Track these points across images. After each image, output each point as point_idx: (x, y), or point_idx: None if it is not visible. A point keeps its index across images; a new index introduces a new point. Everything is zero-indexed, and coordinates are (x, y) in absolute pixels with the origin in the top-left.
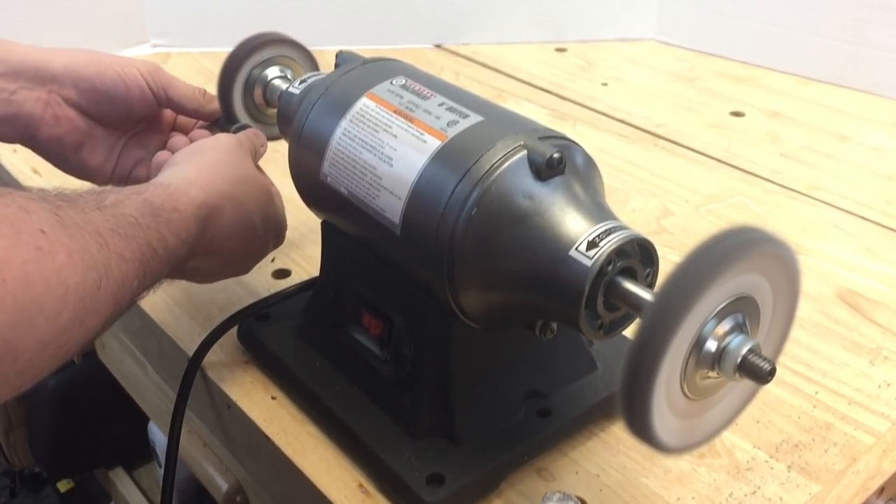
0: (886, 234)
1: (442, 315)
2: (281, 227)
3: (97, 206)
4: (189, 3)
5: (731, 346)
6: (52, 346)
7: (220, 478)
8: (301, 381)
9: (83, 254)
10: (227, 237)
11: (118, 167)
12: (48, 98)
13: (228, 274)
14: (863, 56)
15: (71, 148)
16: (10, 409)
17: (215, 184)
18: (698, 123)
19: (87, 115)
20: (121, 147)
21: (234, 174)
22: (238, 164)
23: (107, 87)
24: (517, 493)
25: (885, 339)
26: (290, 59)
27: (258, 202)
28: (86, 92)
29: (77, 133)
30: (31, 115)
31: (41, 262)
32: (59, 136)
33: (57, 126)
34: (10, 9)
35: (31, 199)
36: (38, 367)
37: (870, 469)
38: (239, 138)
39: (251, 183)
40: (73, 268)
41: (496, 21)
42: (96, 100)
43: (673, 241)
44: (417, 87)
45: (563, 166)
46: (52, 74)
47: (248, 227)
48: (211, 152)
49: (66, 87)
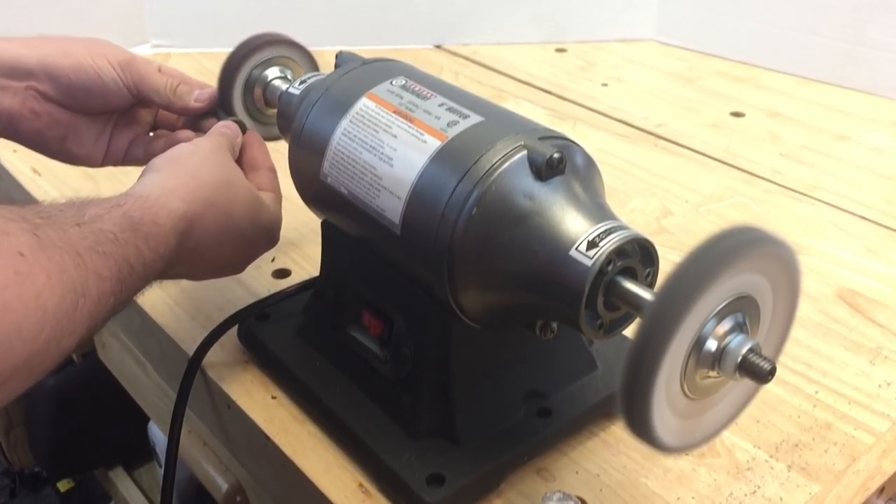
0: (886, 233)
1: (442, 315)
2: (273, 227)
3: (76, 221)
4: (189, 3)
5: (731, 346)
6: (27, 368)
7: (220, 478)
8: (301, 381)
9: (61, 275)
10: (212, 245)
11: (110, 150)
12: (25, 93)
13: (221, 275)
14: (863, 56)
15: (54, 140)
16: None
17: (196, 192)
18: (698, 123)
19: (66, 108)
20: (109, 131)
21: (215, 179)
22: (218, 168)
23: (82, 81)
24: (517, 493)
25: (885, 339)
26: (290, 59)
27: (243, 205)
28: (62, 87)
29: (58, 126)
30: (10, 111)
31: (20, 286)
32: (39, 130)
33: (36, 120)
34: (10, 9)
35: (10, 220)
36: (11, 387)
37: (870, 469)
38: (216, 140)
39: (234, 186)
40: (51, 290)
41: (496, 21)
42: (73, 94)
43: (673, 241)
44: (417, 88)
45: (563, 166)
46: (26, 70)
47: (234, 232)
48: (191, 158)
49: (43, 82)
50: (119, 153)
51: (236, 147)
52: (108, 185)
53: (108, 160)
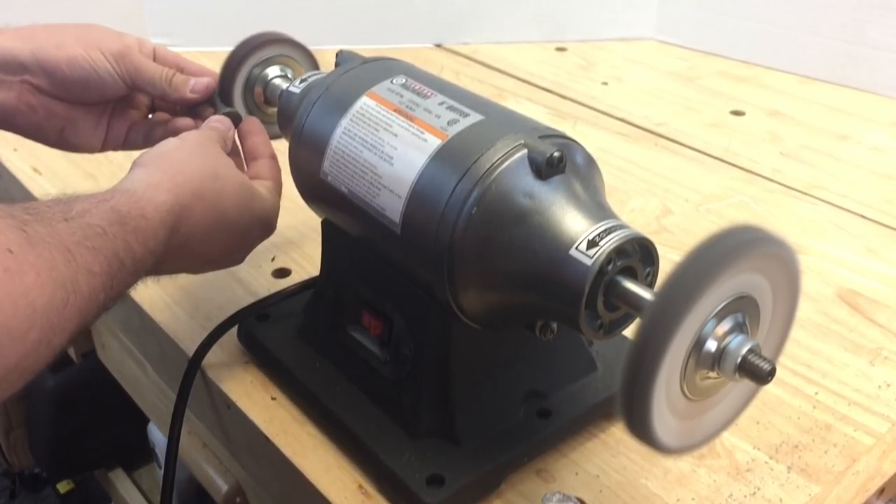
0: (886, 233)
1: (442, 315)
2: (267, 216)
3: (64, 216)
4: (189, 3)
5: (731, 346)
6: (18, 367)
7: (219, 478)
8: (301, 382)
9: (51, 272)
10: (203, 237)
11: (109, 137)
12: (20, 87)
13: (216, 268)
14: (863, 56)
15: (52, 131)
16: (10, 410)
17: (183, 185)
18: (698, 123)
19: (62, 100)
20: (107, 119)
21: (202, 172)
22: (206, 160)
23: (77, 74)
24: (517, 494)
25: (886, 340)
26: (290, 58)
27: (233, 196)
28: (57, 80)
29: (55, 118)
30: (6, 106)
31: (9, 284)
32: (37, 123)
33: (33, 114)
34: (10, 9)
35: None
36: (3, 387)
37: (870, 470)
38: (206, 133)
39: (223, 178)
40: (41, 288)
41: (496, 21)
42: (68, 86)
43: (673, 240)
44: (418, 87)
45: (563, 165)
46: (21, 64)
47: (224, 224)
48: (177, 152)
49: (37, 76)
50: (118, 139)
51: (228, 140)
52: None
53: (108, 146)
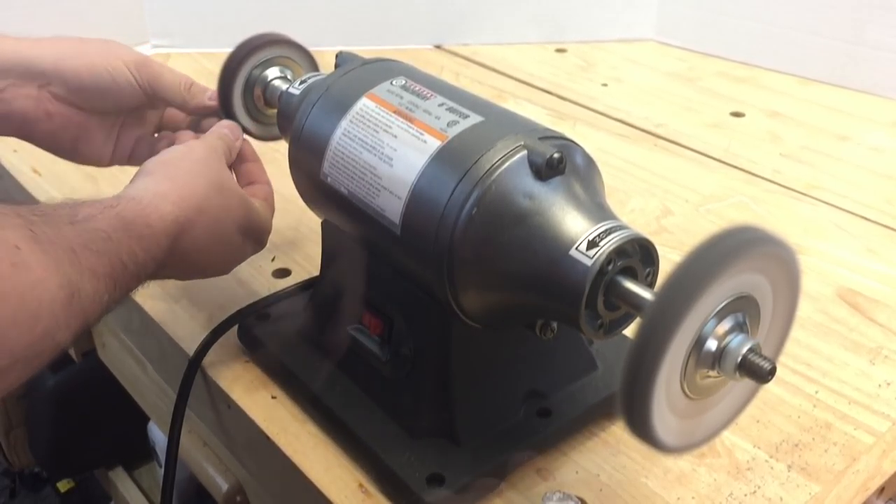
0: (886, 233)
1: (442, 315)
2: (261, 233)
3: (70, 220)
4: (189, 4)
5: (731, 346)
6: (23, 360)
7: (220, 478)
8: (301, 381)
9: (57, 270)
10: (202, 250)
11: (117, 150)
12: (38, 95)
13: (203, 277)
14: (863, 56)
15: (67, 140)
16: (10, 409)
17: (188, 198)
18: (698, 123)
19: (79, 109)
20: (118, 130)
21: (206, 185)
22: (211, 173)
23: (96, 82)
24: (517, 493)
25: (886, 339)
26: (290, 59)
27: (233, 211)
28: (75, 88)
29: (71, 126)
30: (24, 113)
31: (16, 277)
32: (53, 132)
33: (50, 122)
34: (10, 9)
35: (5, 215)
36: (7, 381)
37: (870, 469)
38: (212, 144)
39: (225, 192)
40: (46, 283)
41: (496, 21)
42: (86, 95)
43: (673, 240)
44: (417, 88)
45: (563, 166)
46: (40, 71)
47: (222, 239)
48: (183, 162)
49: (56, 83)
50: (125, 153)
51: (234, 151)
52: (108, 186)
53: (115, 160)
